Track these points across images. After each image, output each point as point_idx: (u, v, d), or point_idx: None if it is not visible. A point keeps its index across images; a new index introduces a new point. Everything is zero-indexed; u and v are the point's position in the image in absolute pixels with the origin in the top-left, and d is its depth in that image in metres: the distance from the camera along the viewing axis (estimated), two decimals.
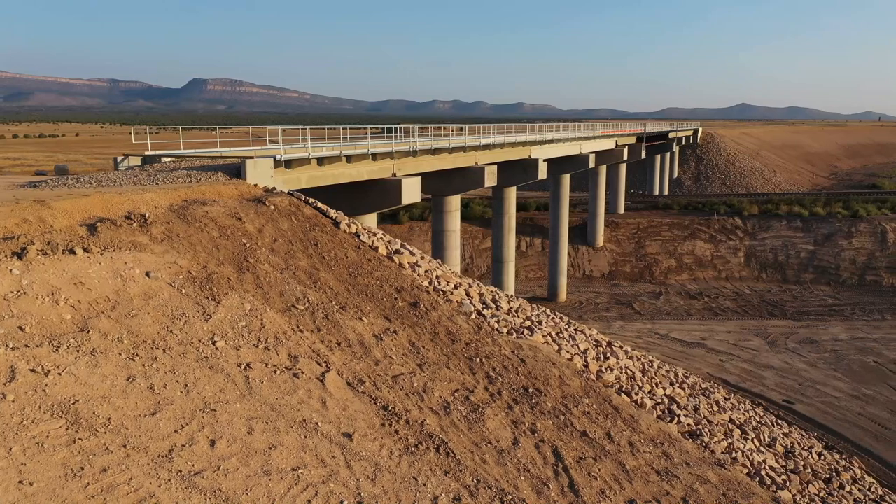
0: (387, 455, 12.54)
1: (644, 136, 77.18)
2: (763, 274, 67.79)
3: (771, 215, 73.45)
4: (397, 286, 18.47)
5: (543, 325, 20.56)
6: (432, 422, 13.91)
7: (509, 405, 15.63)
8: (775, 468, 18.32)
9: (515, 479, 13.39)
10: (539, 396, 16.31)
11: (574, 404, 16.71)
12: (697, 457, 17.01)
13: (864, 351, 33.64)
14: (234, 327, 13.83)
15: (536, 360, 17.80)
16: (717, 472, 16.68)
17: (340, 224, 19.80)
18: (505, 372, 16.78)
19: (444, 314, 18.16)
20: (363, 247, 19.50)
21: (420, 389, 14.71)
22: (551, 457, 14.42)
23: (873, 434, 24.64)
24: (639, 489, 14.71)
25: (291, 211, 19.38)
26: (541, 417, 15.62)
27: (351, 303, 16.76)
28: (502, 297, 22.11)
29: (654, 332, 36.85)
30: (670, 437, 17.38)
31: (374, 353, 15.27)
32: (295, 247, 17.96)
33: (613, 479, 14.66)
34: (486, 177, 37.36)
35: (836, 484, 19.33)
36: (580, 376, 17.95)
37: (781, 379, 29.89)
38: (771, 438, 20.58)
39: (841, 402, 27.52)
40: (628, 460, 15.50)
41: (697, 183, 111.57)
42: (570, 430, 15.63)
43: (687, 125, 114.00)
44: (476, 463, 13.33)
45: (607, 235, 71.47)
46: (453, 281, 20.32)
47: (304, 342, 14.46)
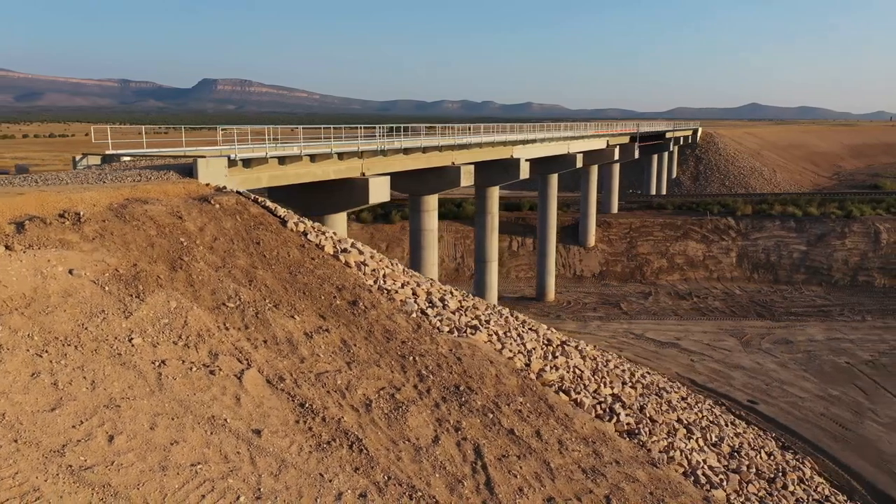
0: (296, 451, 12.66)
1: (637, 135, 77.03)
2: (755, 274, 67.56)
3: (764, 215, 73.17)
4: (339, 285, 18.61)
5: (491, 324, 20.65)
6: (350, 419, 14.03)
7: (436, 403, 15.73)
8: (715, 468, 18.35)
9: (429, 477, 13.49)
10: (469, 395, 16.41)
11: (506, 403, 16.79)
12: (630, 455, 17.06)
13: (837, 351, 33.49)
14: (154, 325, 13.99)
15: (474, 358, 17.89)
16: (649, 470, 16.72)
17: (288, 223, 19.94)
18: (438, 370, 16.88)
19: (384, 313, 18.28)
20: (308, 245, 19.64)
21: (343, 387, 14.84)
22: (472, 454, 14.51)
23: (832, 434, 24.55)
24: (560, 487, 14.78)
25: (237, 210, 19.54)
26: (468, 415, 15.72)
27: (286, 301, 16.91)
28: (453, 295, 22.21)
29: (629, 332, 36.81)
30: (605, 435, 17.43)
31: (300, 350, 15.40)
32: (235, 245, 18.12)
33: (535, 477, 14.73)
34: (462, 176, 37.44)
35: (780, 484, 19.32)
36: (518, 375, 18.03)
37: (749, 379, 29.81)
38: (718, 438, 20.59)
39: (805, 402, 27.43)
40: (554, 458, 15.56)
41: (696, 183, 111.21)
42: (496, 428, 15.71)
43: (685, 125, 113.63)
44: (390, 460, 13.44)
45: (599, 235, 71.38)
46: (400, 280, 20.43)
47: (228, 340, 14.61)
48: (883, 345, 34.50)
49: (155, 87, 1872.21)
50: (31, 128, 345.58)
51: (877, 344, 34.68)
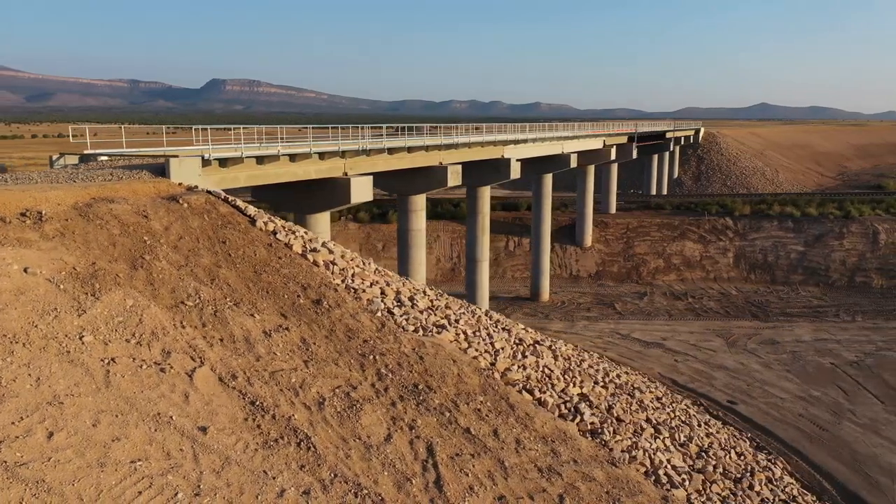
0: (241, 449, 12.77)
1: (635, 135, 76.85)
2: (752, 275, 67.33)
3: (762, 216, 72.91)
4: (304, 283, 18.71)
5: (461, 324, 20.71)
6: (301, 417, 14.13)
7: (393, 402, 15.80)
8: (679, 467, 18.36)
9: (377, 475, 13.56)
10: (428, 393, 16.47)
11: (465, 402, 16.85)
12: (590, 455, 17.09)
13: (823, 352, 33.36)
14: (108, 323, 14.13)
15: (437, 357, 17.96)
16: (607, 470, 16.75)
17: (257, 222, 20.06)
18: (398, 369, 16.96)
19: (348, 312, 18.37)
20: (276, 245, 19.75)
21: (297, 385, 14.93)
22: (424, 453, 14.58)
23: (808, 435, 24.46)
24: (513, 486, 14.83)
25: (206, 209, 19.67)
26: (424, 414, 15.78)
27: (247, 299, 17.02)
28: (426, 295, 22.28)
29: (616, 332, 36.76)
30: (565, 435, 17.46)
31: (257, 349, 15.51)
32: (201, 244, 18.24)
33: (487, 475, 14.79)
34: (449, 176, 37.49)
35: (746, 484, 19.30)
36: (481, 374, 18.08)
37: (731, 380, 29.73)
38: (687, 438, 20.58)
39: (785, 402, 27.34)
40: (510, 457, 15.61)
41: (698, 183, 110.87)
42: (452, 426, 15.77)
43: (686, 125, 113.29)
44: (338, 458, 13.52)
45: (596, 235, 71.29)
46: (370, 279, 20.52)
47: (183, 338, 14.73)
48: (869, 346, 34.32)
49: (164, 87, 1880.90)
50: (41, 128, 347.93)
51: (864, 345, 34.50)
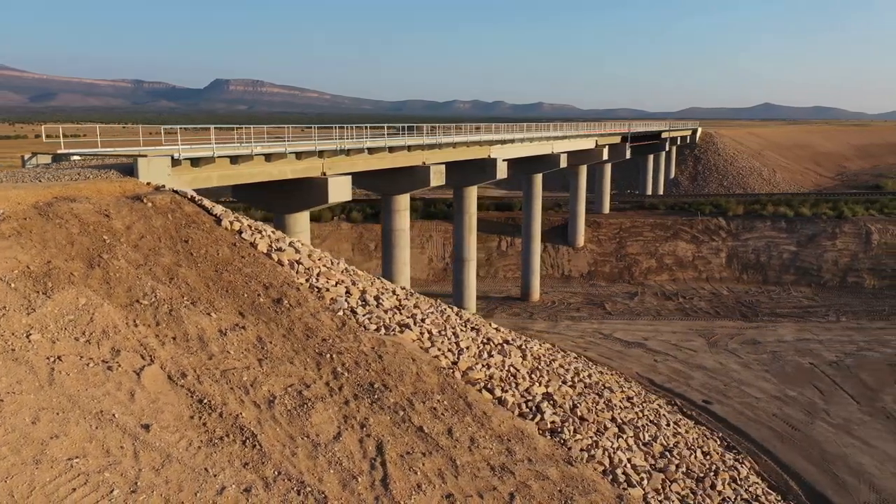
0: (184, 446, 12.83)
1: (629, 136, 76.81)
2: (744, 275, 67.27)
3: (755, 216, 72.84)
4: (266, 283, 18.78)
5: (426, 323, 20.76)
6: (249, 415, 14.20)
7: (347, 400, 15.86)
8: (639, 466, 18.39)
9: (323, 473, 13.63)
10: (384, 392, 16.53)
11: (421, 400, 16.90)
12: (546, 453, 17.14)
13: (803, 352, 33.32)
14: (58, 321, 14.21)
15: (396, 356, 18.01)
16: (562, 469, 16.79)
17: (222, 221, 20.14)
18: (355, 367, 17.02)
19: (309, 311, 18.43)
20: (241, 244, 19.83)
21: (248, 383, 15.00)
22: (373, 451, 14.64)
23: (780, 435, 24.45)
24: (463, 485, 14.88)
25: (170, 208, 19.75)
26: (378, 413, 15.84)
27: (205, 298, 17.10)
28: (395, 294, 22.34)
29: (598, 332, 36.77)
30: (523, 433, 17.51)
31: (210, 347, 15.58)
32: (162, 243, 18.32)
33: (437, 474, 14.84)
34: (431, 176, 37.54)
35: (708, 483, 19.32)
36: (440, 373, 18.13)
37: (709, 379, 29.72)
38: (652, 437, 20.60)
39: (760, 402, 27.32)
40: (462, 456, 15.66)
41: (695, 183, 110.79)
42: (406, 425, 15.83)
43: (683, 125, 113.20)
44: (284, 456, 13.59)
45: (588, 235, 71.29)
46: (335, 278, 20.58)
47: (134, 336, 14.81)
48: (851, 346, 34.28)
49: (168, 87, 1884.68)
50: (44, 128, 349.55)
51: (845, 345, 34.46)
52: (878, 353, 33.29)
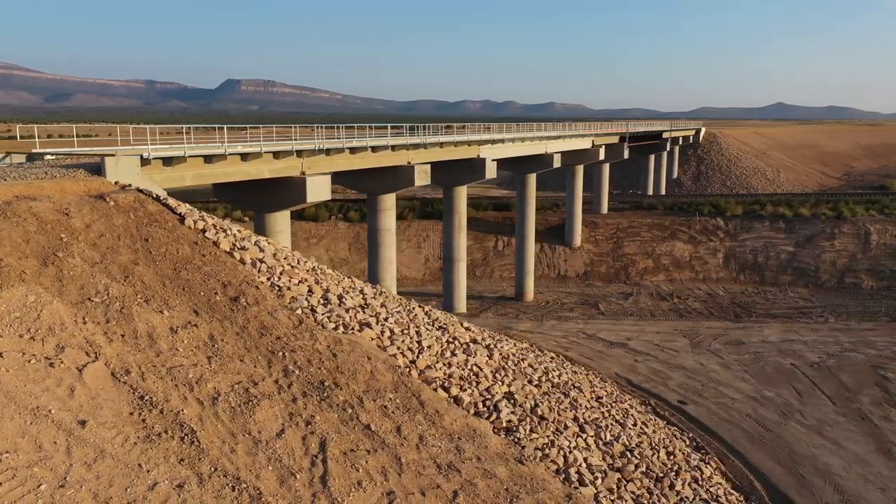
0: (120, 442, 12.98)
1: (627, 136, 76.58)
2: (741, 275, 66.97)
3: (754, 216, 72.46)
4: (225, 281, 18.92)
5: (389, 322, 20.85)
6: (191, 412, 14.33)
7: (295, 398, 15.97)
8: (595, 466, 18.40)
9: (261, 469, 13.74)
10: (334, 390, 16.63)
11: (372, 398, 16.99)
12: (497, 452, 17.18)
13: (786, 353, 33.14)
14: (3, 318, 14.39)
15: (351, 355, 18.10)
16: (512, 467, 16.83)
17: (186, 220, 20.30)
18: (307, 365, 17.13)
19: (266, 309, 18.56)
20: (203, 243, 19.98)
21: (194, 381, 15.14)
22: (315, 448, 14.74)
23: (751, 435, 24.36)
24: (406, 482, 14.96)
25: (133, 207, 19.94)
26: (326, 410, 15.94)
27: (160, 296, 17.25)
28: (361, 293, 22.43)
29: (582, 333, 36.74)
30: (475, 432, 17.56)
31: (159, 345, 15.73)
32: (121, 242, 18.50)
33: (380, 471, 14.93)
34: (416, 176, 37.63)
35: (667, 483, 19.30)
36: (395, 372, 18.21)
37: (687, 380, 29.63)
38: (614, 437, 20.60)
39: (735, 403, 27.23)
40: (409, 454, 15.74)
41: (697, 183, 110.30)
42: (353, 423, 15.92)
43: (685, 125, 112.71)
44: (222, 452, 13.71)
45: (585, 235, 71.16)
46: (299, 277, 20.70)
47: (81, 333, 14.98)
48: (835, 347, 34.07)
49: (180, 87, 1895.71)
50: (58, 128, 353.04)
51: (830, 346, 34.25)
52: (862, 354, 33.07)
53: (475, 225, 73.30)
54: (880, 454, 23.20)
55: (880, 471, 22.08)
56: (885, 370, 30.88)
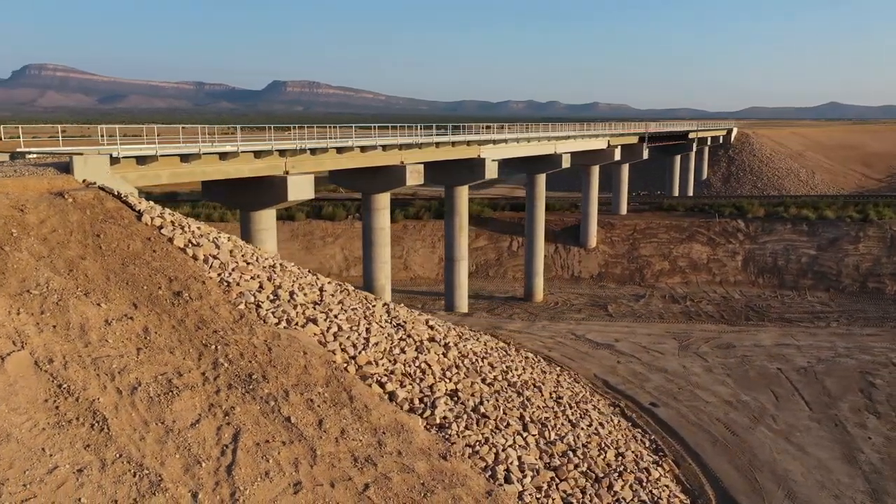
0: (28, 428, 13.60)
1: (646, 136, 75.63)
2: (760, 279, 65.65)
3: (776, 218, 70.92)
4: (172, 276, 19.51)
5: (339, 318, 21.21)
6: (107, 401, 14.89)
7: (218, 390, 16.43)
8: (530, 464, 18.48)
9: (168, 457, 14.22)
10: (261, 383, 17.03)
11: (300, 392, 17.35)
12: (421, 447, 17.37)
13: (776, 357, 32.43)
14: None
15: (287, 349, 18.50)
16: (434, 462, 17.02)
17: (143, 217, 20.98)
18: (239, 359, 17.57)
19: (209, 304, 19.09)
20: (157, 238, 20.63)
21: (117, 371, 15.71)
22: (228, 439, 15.17)
23: (715, 439, 24.00)
24: (317, 474, 15.29)
25: (91, 204, 20.70)
26: (248, 402, 16.35)
27: (101, 290, 17.91)
28: (320, 290, 22.84)
29: (571, 333, 36.59)
30: (403, 427, 17.79)
31: (89, 336, 16.36)
32: (73, 237, 19.24)
33: (292, 463, 15.28)
34: (408, 175, 37.99)
35: (606, 484, 19.23)
36: (330, 366, 18.55)
37: (665, 382, 29.28)
38: (559, 437, 20.59)
39: (708, 406, 26.84)
40: (325, 447, 16.06)
41: (727, 185, 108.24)
42: (274, 415, 16.30)
43: (715, 125, 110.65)
44: (131, 440, 14.23)
45: (601, 236, 70.61)
46: (252, 273, 21.21)
47: (12, 324, 15.68)
48: (829, 352, 33.21)
49: (227, 89, 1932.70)
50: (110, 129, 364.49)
51: (824, 350, 33.43)
52: (855, 359, 32.18)
53: (491, 225, 73.41)
54: (844, 461, 22.65)
55: (840, 478, 21.58)
56: (875, 376, 30.01)
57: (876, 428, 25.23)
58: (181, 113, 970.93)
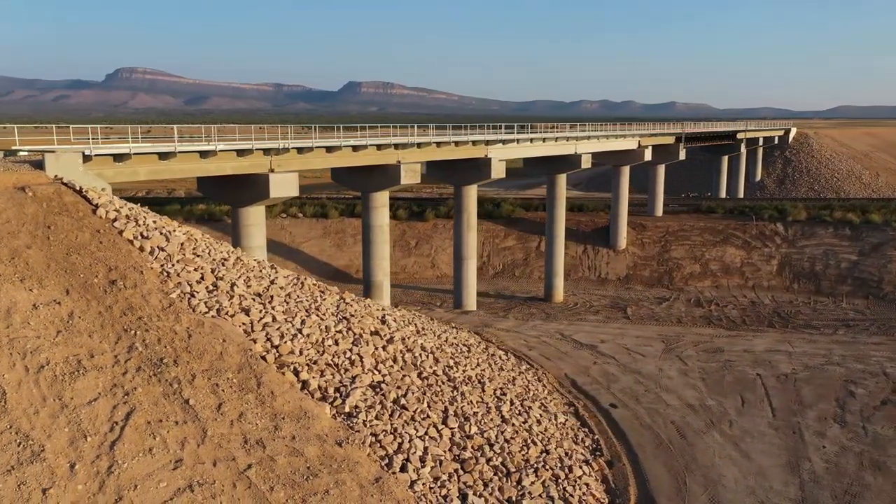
0: None
1: (683, 136, 73.92)
2: (795, 284, 63.42)
3: (818, 221, 68.28)
4: (112, 265, 20.87)
5: (276, 309, 22.13)
6: (13, 377, 16.24)
7: (126, 371, 17.59)
8: (434, 455, 18.96)
9: (57, 430, 15.45)
10: (171, 367, 18.10)
11: (208, 377, 18.33)
12: (319, 434, 18.08)
13: (761, 363, 31.47)
14: None
15: (207, 336, 19.54)
16: (327, 448, 17.72)
17: (98, 210, 22.47)
18: (155, 343, 18.71)
19: (142, 292, 20.33)
20: (108, 231, 22.07)
21: (30, 350, 17.07)
22: (121, 417, 16.28)
23: (660, 442, 23.63)
24: (201, 453, 16.25)
25: (50, 197, 22.33)
26: (153, 385, 17.44)
27: (37, 276, 19.39)
28: (270, 283, 23.83)
29: (559, 333, 36.41)
30: (306, 413, 18.56)
31: (13, 318, 17.79)
32: (24, 228, 20.85)
33: (179, 441, 16.29)
34: (402, 174, 38.75)
35: (515, 479, 19.46)
36: (245, 354, 19.48)
37: (634, 384, 28.90)
38: (478, 432, 20.91)
39: (667, 409, 26.39)
40: (219, 428, 16.99)
41: (782, 187, 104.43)
42: (174, 397, 17.33)
43: (770, 125, 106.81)
44: (25, 413, 15.52)
45: (632, 238, 69.60)
46: (195, 265, 22.39)
47: None
48: (821, 359, 31.97)
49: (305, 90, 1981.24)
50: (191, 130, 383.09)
51: (815, 358, 32.19)
52: (845, 367, 30.95)
53: (521, 225, 73.40)
54: (786, 469, 22.01)
55: (773, 485, 21.00)
56: (858, 385, 28.84)
57: (835, 437, 24.41)
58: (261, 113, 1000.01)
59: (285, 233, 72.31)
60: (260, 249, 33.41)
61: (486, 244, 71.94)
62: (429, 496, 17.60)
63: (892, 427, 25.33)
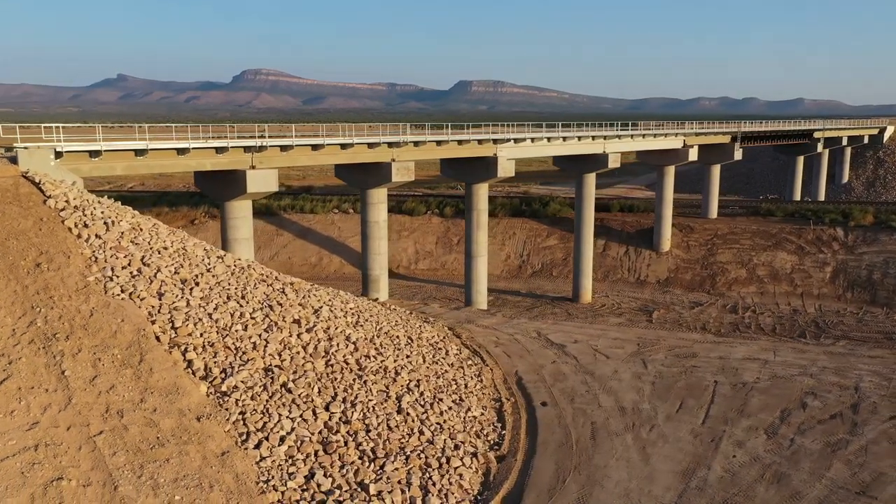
0: None
1: (739, 135, 70.63)
2: (848, 293, 59.64)
3: (882, 227, 63.82)
4: (44, 250, 23.26)
5: (193, 294, 23.89)
6: None
7: (18, 343, 19.74)
8: (300, 436, 20.06)
9: None
10: (60, 341, 20.11)
11: (93, 352, 20.21)
12: (184, 408, 19.59)
13: (726, 371, 30.19)
14: None
15: (109, 316, 21.49)
16: (185, 422, 19.19)
17: (48, 201, 25.04)
18: (56, 320, 20.81)
19: (62, 275, 22.58)
20: (53, 219, 24.56)
21: None
22: None
23: (564, 442, 23.25)
24: (60, 419, 18.15)
25: (6, 188, 25.09)
26: (39, 356, 19.50)
27: None
28: (208, 271, 25.65)
29: (535, 332, 36.13)
30: (178, 389, 20.13)
31: None
32: None
33: (42, 406, 18.23)
34: (394, 172, 39.91)
35: (379, 464, 20.21)
36: (139, 333, 21.28)
37: (578, 385, 28.55)
38: (362, 418, 21.77)
39: (596, 411, 25.84)
40: (85, 397, 18.84)
41: (871, 189, 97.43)
42: (54, 367, 19.32)
43: (862, 124, 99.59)
44: None
45: (677, 240, 67.57)
46: (126, 252, 24.49)
47: None
48: (795, 370, 30.21)
49: (417, 89, 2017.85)
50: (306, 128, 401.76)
51: (790, 368, 30.47)
52: (815, 380, 29.28)
53: (564, 224, 72.80)
54: (677, 475, 21.37)
55: (653, 489, 20.44)
56: (817, 397, 27.28)
57: (752, 448, 23.46)
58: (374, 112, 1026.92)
59: (334, 227, 75.07)
60: (246, 241, 35.50)
61: (527, 243, 71.94)
62: (273, 471, 18.72)
63: (824, 442, 24.02)
